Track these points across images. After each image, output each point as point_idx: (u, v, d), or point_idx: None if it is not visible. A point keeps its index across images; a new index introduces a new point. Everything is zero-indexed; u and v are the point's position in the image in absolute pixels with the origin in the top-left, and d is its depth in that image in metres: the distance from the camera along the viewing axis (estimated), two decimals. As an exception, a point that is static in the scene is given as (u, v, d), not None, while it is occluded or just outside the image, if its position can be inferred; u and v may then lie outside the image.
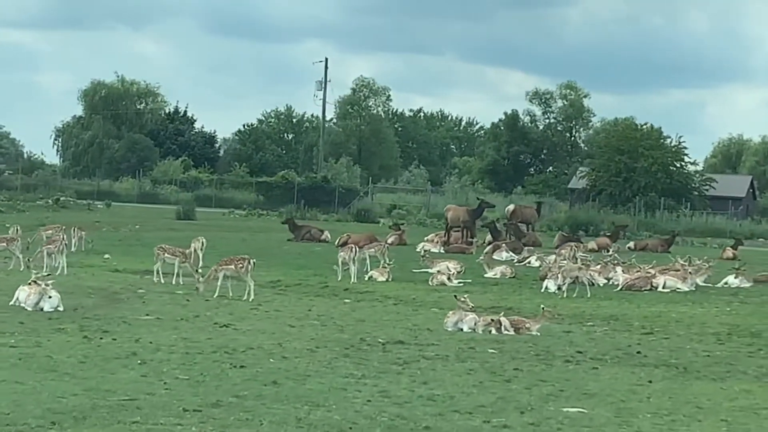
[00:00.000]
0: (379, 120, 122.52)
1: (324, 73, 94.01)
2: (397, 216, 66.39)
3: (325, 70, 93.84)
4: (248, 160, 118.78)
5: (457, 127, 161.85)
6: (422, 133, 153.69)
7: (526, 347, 16.56)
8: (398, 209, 73.54)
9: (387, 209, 74.54)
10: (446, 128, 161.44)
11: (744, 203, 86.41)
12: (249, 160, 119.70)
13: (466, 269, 31.16)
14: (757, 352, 18.17)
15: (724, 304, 25.70)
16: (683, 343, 18.84)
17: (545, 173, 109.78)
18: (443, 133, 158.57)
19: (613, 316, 22.73)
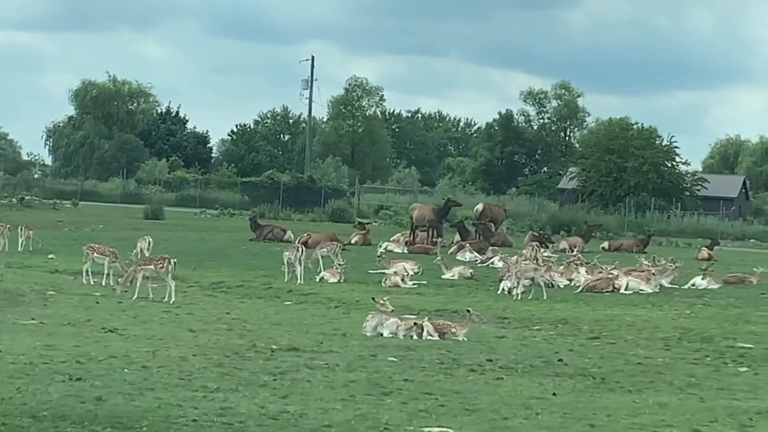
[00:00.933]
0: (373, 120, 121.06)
1: (310, 71, 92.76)
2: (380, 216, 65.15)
3: (312, 69, 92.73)
4: (240, 161, 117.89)
5: (455, 127, 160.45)
6: (420, 134, 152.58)
7: (434, 355, 15.23)
8: (385, 210, 72.25)
9: (374, 209, 73.32)
10: (444, 129, 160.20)
11: (736, 204, 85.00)
12: (241, 160, 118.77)
13: (426, 270, 29.97)
14: (703, 359, 16.94)
15: (685, 306, 24.43)
16: (625, 349, 17.62)
17: (539, 174, 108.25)
18: (441, 134, 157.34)
19: (564, 319, 21.53)
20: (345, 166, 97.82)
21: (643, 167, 76.95)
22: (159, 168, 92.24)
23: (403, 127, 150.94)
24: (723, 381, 14.44)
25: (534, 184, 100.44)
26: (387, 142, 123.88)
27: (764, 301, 25.94)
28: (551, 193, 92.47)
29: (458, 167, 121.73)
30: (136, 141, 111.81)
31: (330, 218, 61.96)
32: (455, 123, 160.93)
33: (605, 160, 78.25)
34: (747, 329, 20.58)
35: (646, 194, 75.36)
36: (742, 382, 14.55)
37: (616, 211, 72.75)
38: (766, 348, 18.18)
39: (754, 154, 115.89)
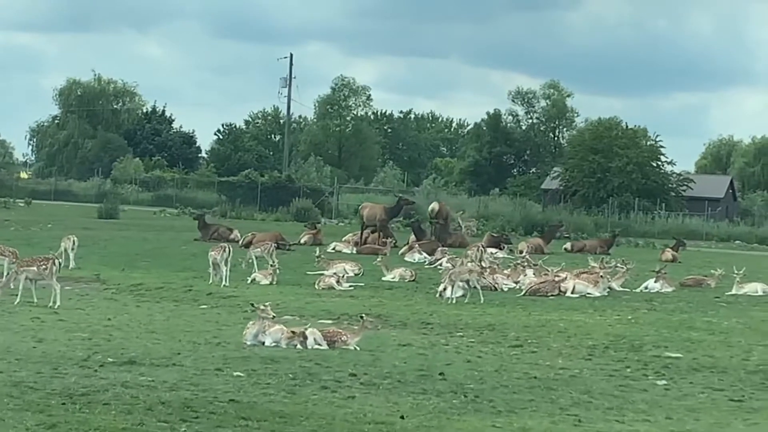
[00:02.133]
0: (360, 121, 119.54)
1: (289, 69, 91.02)
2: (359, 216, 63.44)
3: (290, 67, 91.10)
4: (227, 161, 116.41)
5: (447, 128, 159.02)
6: (412, 134, 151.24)
7: (294, 368, 13.57)
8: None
9: (354, 209, 71.77)
10: (436, 130, 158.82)
11: (723, 204, 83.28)
12: (227, 160, 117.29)
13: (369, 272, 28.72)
14: (622, 370, 15.52)
15: (629, 311, 22.88)
16: (539, 359, 16.20)
17: (528, 174, 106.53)
18: (433, 135, 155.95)
19: (491, 325, 20.03)
20: (327, 166, 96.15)
21: (627, 167, 75.27)
22: (135, 167, 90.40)
23: (395, 127, 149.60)
24: (624, 398, 12.90)
25: (522, 185, 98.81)
26: (374, 142, 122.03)
27: (716, 305, 24.37)
28: (539, 194, 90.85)
29: (446, 168, 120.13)
30: (119, 140, 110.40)
31: (295, 218, 60.37)
32: (448, 124, 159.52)
33: (588, 160, 76.60)
34: (685, 336, 19.05)
35: (630, 195, 73.66)
36: (647, 398, 13.02)
37: (600, 213, 71.11)
38: (695, 358, 16.63)
39: (746, 154, 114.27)
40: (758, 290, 26.42)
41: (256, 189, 77.85)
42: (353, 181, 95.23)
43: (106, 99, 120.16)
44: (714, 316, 22.28)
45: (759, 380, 14.95)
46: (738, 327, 20.75)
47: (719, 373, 15.40)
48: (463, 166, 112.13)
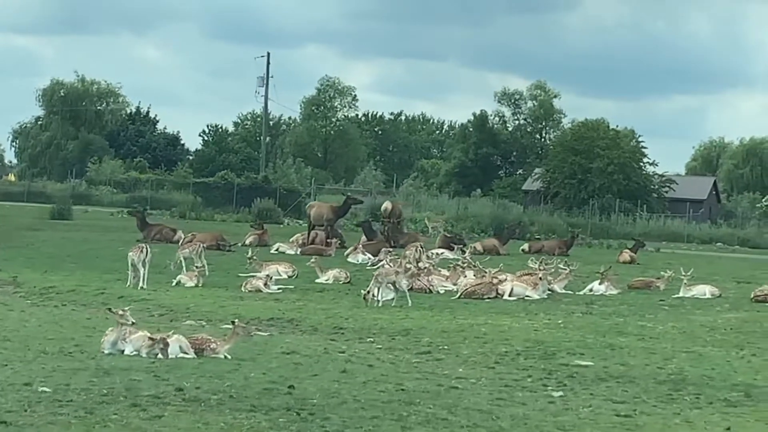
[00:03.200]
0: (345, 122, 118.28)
1: (266, 68, 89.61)
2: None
3: (267, 66, 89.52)
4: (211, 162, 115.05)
5: (439, 130, 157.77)
6: (402, 136, 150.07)
7: (116, 381, 12.11)
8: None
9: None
10: (428, 132, 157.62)
11: (706, 206, 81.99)
12: (212, 162, 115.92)
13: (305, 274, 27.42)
14: (523, 379, 14.30)
15: (563, 315, 21.59)
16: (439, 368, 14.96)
17: (514, 176, 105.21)
18: (424, 137, 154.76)
19: (407, 330, 18.75)
20: (308, 167, 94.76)
21: (608, 168, 73.99)
22: (112, 168, 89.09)
23: (386, 129, 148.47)
24: (490, 413, 11.65)
25: (508, 187, 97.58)
26: (360, 143, 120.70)
27: (657, 309, 23.07)
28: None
29: (432, 169, 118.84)
30: (100, 141, 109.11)
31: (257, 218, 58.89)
32: (439, 126, 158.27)
33: (569, 161, 75.29)
34: (610, 342, 17.78)
35: (611, 196, 72.40)
36: (518, 413, 11.77)
37: (581, 214, 69.90)
38: (606, 366, 15.36)
39: (734, 156, 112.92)
40: (706, 293, 25.17)
41: (232, 190, 76.43)
42: (333, 182, 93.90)
43: (90, 100, 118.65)
44: (650, 321, 21.03)
45: (666, 390, 13.67)
46: (672, 332, 19.50)
47: (626, 383, 14.13)
48: (448, 167, 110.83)
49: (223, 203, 73.95)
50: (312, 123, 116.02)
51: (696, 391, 13.66)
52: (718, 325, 20.50)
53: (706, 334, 19.34)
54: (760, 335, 19.35)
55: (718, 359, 16.37)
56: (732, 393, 13.62)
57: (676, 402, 13.06)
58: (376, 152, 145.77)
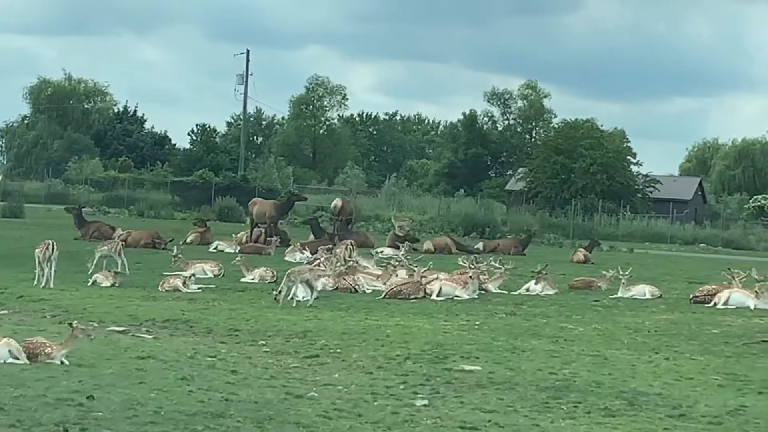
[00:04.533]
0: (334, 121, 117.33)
1: (245, 66, 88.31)
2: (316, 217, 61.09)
3: (247, 63, 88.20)
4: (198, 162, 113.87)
5: (434, 130, 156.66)
6: (397, 136, 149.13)
7: None
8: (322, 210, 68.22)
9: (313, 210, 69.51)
10: (422, 132, 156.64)
11: (691, 206, 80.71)
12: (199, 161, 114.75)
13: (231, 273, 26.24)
14: (396, 386, 13.22)
15: (485, 316, 20.50)
16: (313, 373, 13.91)
17: (504, 176, 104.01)
18: (419, 137, 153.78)
19: (307, 332, 17.69)
20: (290, 167, 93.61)
21: (591, 168, 72.74)
22: (92, 167, 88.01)
23: (380, 129, 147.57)
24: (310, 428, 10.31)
25: (497, 187, 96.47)
26: (349, 143, 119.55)
27: (588, 309, 21.91)
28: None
29: (421, 169, 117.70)
30: (85, 140, 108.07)
31: (218, 217, 57.98)
32: (434, 126, 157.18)
33: (552, 161, 74.05)
34: (515, 345, 16.68)
35: (594, 196, 71.18)
36: (341, 426, 10.50)
37: (563, 214, 68.74)
38: (493, 371, 14.22)
39: (726, 157, 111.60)
40: (646, 293, 23.97)
41: (210, 189, 75.32)
42: (315, 182, 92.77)
43: (77, 99, 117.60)
44: (574, 322, 19.85)
45: (544, 398, 12.49)
46: (590, 334, 18.32)
47: (505, 390, 12.96)
48: (437, 167, 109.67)
49: (201, 202, 72.78)
50: (300, 122, 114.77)
51: (577, 399, 12.49)
52: (643, 327, 19.31)
53: (626, 336, 18.17)
54: (683, 338, 18.16)
55: (622, 363, 15.20)
56: (615, 401, 12.46)
57: (550, 411, 11.90)
58: (371, 152, 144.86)
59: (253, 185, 76.68)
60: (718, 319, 20.80)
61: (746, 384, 13.83)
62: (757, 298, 22.24)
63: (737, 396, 13.02)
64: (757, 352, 16.77)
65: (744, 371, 14.84)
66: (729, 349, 17.07)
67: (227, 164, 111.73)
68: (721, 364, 15.51)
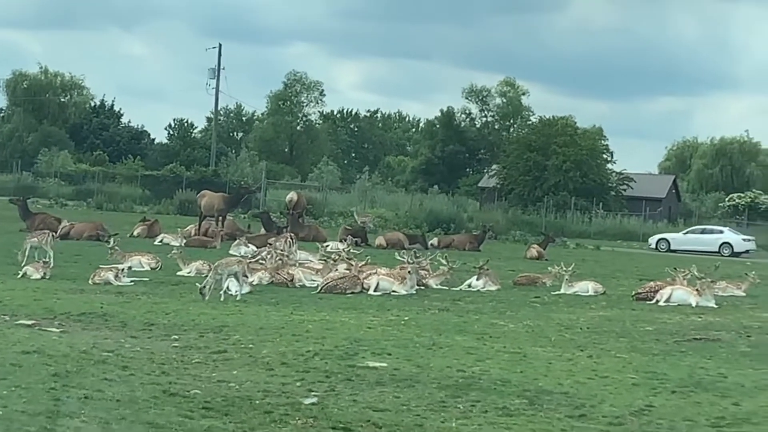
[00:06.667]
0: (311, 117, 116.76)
1: (217, 60, 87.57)
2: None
3: (219, 57, 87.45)
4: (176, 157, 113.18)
5: (414, 128, 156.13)
6: (378, 133, 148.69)
7: None
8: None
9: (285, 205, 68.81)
10: (403, 129, 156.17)
11: (665, 204, 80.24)
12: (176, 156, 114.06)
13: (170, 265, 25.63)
14: (292, 383, 12.55)
15: (417, 311, 19.94)
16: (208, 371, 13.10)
17: (481, 173, 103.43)
18: (399, 134, 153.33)
19: (224, 326, 17.10)
20: (263, 161, 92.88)
21: (564, 165, 72.21)
22: (63, 160, 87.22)
23: (361, 126, 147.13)
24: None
25: (474, 184, 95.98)
26: (327, 139, 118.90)
27: (525, 306, 21.33)
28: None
29: (399, 166, 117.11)
30: (60, 134, 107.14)
31: (179, 210, 57.31)
32: (415, 123, 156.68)
33: (524, 157, 73.50)
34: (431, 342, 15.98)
35: (567, 194, 70.66)
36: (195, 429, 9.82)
37: (535, 211, 68.22)
38: (397, 369, 13.57)
39: (704, 156, 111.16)
40: (589, 289, 23.44)
41: (181, 183, 74.62)
42: (289, 178, 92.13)
43: (53, 92, 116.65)
44: (506, 318, 19.28)
45: (442, 397, 11.88)
46: (519, 331, 17.76)
47: (405, 388, 12.36)
48: (415, 164, 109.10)
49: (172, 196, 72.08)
50: (278, 118, 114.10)
51: (477, 398, 11.88)
52: (576, 324, 18.75)
53: (555, 333, 17.60)
54: (614, 335, 17.60)
55: (540, 361, 14.61)
56: (516, 400, 11.86)
57: (445, 410, 11.30)
58: (351, 149, 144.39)
59: (225, 180, 75.89)
60: (656, 316, 20.29)
61: (662, 383, 13.24)
62: (699, 296, 21.69)
63: (648, 396, 12.43)
64: (686, 350, 16.21)
65: (665, 370, 14.26)
66: (658, 346, 16.52)
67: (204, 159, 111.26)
68: (645, 362, 14.94)
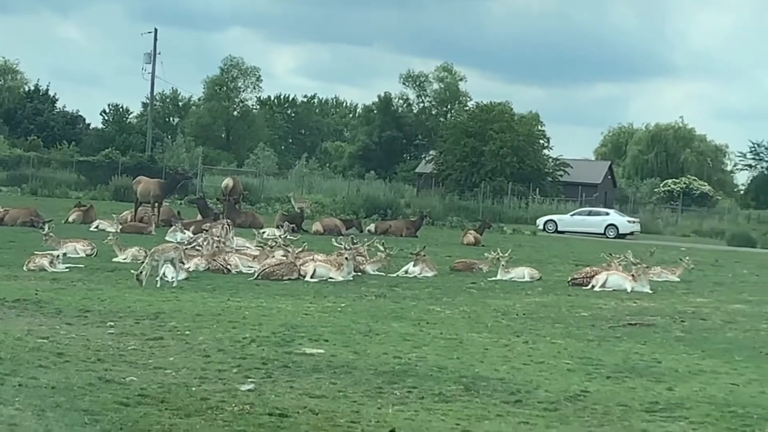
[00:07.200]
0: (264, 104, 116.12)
1: (153, 45, 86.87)
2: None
3: (155, 42, 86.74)
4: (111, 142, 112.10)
5: (351, 113, 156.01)
6: (315, 119, 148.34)
7: None
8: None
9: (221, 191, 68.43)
10: (340, 115, 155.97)
11: (601, 190, 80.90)
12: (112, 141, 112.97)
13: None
14: (229, 370, 12.62)
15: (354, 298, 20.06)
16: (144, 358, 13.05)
17: (419, 159, 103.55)
18: (336, 120, 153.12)
19: (160, 313, 17.03)
20: (199, 147, 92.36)
21: (501, 151, 72.49)
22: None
23: (299, 112, 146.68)
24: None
25: (412, 170, 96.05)
26: (264, 125, 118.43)
27: (462, 292, 21.41)
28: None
29: (336, 152, 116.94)
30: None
31: (114, 196, 56.87)
32: (352, 109, 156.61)
33: (462, 143, 73.66)
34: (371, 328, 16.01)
35: (504, 179, 70.96)
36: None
37: (472, 197, 68.43)
38: (334, 355, 13.57)
39: (640, 142, 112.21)
40: (525, 275, 23.58)
41: (116, 169, 74.02)
42: (225, 163, 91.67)
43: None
44: (443, 305, 19.36)
45: (379, 383, 11.92)
46: (455, 317, 17.85)
47: (342, 374, 12.37)
48: (352, 149, 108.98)
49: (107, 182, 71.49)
50: (215, 103, 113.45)
51: (413, 384, 11.91)
52: (512, 310, 18.86)
53: (492, 319, 17.69)
54: (550, 321, 17.74)
55: (476, 347, 14.68)
56: (453, 386, 11.91)
57: (381, 396, 11.32)
58: (288, 134, 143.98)
59: (161, 165, 75.36)
60: (591, 301, 20.44)
61: (597, 368, 13.36)
62: (634, 281, 21.90)
63: (583, 381, 12.53)
64: (621, 336, 16.36)
65: (600, 355, 14.39)
66: (593, 332, 16.66)
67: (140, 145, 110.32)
68: (580, 347, 15.06)
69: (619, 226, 55.70)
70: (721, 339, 16.43)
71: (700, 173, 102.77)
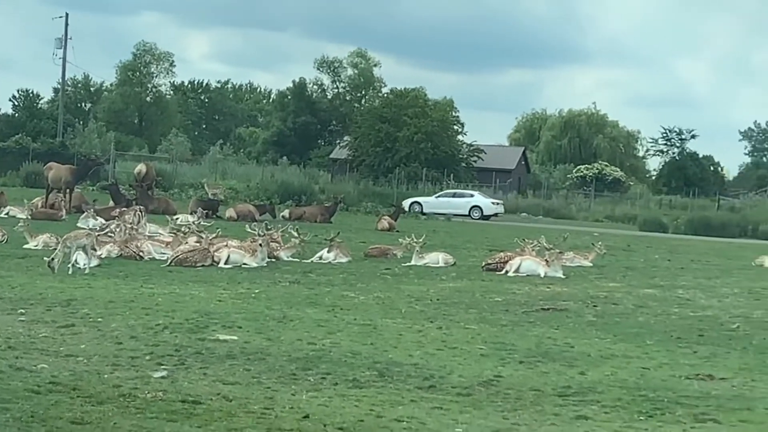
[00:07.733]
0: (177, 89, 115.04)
1: (64, 30, 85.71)
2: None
3: (66, 27, 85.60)
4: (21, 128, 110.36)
5: (266, 99, 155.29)
6: (229, 105, 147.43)
7: None
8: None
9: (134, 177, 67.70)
10: (254, 100, 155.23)
11: (515, 176, 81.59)
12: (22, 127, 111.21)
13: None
14: (142, 357, 12.58)
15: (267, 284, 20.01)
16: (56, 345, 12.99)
17: (333, 145, 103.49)
18: (250, 105, 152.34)
19: (72, 300, 16.84)
20: (111, 132, 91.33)
21: (415, 137, 72.69)
22: None
23: (212, 97, 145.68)
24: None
25: (326, 156, 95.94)
26: (176, 110, 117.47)
27: (376, 278, 21.47)
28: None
29: (250, 138, 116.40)
30: None
31: (24, 183, 56.12)
32: (266, 94, 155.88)
33: (376, 129, 73.74)
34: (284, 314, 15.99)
35: (418, 165, 71.19)
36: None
37: (387, 183, 68.54)
38: (248, 342, 13.55)
39: (553, 128, 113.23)
40: (439, 261, 23.68)
41: (27, 155, 72.93)
42: (137, 149, 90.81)
43: None
44: (357, 290, 19.36)
45: (293, 369, 11.89)
46: (370, 303, 17.86)
47: (255, 361, 12.33)
48: (266, 135, 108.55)
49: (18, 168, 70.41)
50: (127, 89, 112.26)
51: (327, 370, 11.89)
52: (426, 296, 18.91)
53: (406, 305, 17.72)
54: (464, 306, 17.81)
55: (390, 333, 14.69)
56: (367, 372, 11.91)
57: (296, 382, 11.29)
58: (202, 120, 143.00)
59: (72, 151, 74.39)
60: (505, 287, 20.57)
61: (510, 353, 13.44)
62: (548, 266, 22.09)
63: (497, 366, 12.60)
64: (534, 320, 16.48)
65: (513, 340, 14.48)
66: (507, 317, 16.76)
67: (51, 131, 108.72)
68: (493, 333, 15.14)
69: (484, 207, 56.79)
70: (633, 323, 16.61)
71: (613, 159, 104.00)
